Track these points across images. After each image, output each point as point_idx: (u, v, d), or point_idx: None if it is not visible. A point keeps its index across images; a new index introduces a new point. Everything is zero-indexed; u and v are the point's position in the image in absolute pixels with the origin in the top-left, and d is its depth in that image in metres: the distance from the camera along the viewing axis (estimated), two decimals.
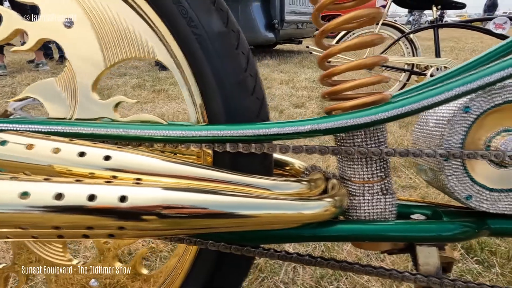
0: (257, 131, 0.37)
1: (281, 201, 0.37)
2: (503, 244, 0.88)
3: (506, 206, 0.42)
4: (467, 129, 0.40)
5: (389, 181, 0.43)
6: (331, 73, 0.44)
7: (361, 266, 0.41)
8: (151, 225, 0.29)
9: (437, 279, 0.40)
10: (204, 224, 0.32)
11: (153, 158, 0.34)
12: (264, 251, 0.41)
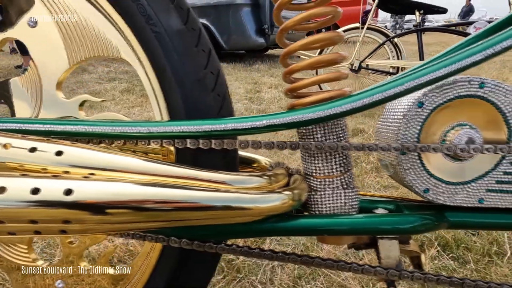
0: (215, 127, 0.38)
1: (237, 194, 0.38)
2: (479, 241, 0.89)
3: (462, 199, 0.43)
4: (421, 123, 0.41)
5: (350, 176, 0.44)
6: (291, 70, 0.44)
7: (322, 260, 0.41)
8: (98, 219, 0.29)
9: (396, 271, 0.41)
10: (155, 218, 0.32)
11: (108, 153, 0.34)
12: (226, 247, 0.41)
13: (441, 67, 0.38)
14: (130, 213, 0.31)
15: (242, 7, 4.27)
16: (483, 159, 0.42)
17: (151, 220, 0.32)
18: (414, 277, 0.41)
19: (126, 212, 0.30)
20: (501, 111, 0.41)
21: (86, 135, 0.38)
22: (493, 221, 0.44)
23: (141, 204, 0.31)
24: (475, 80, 0.40)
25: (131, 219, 0.31)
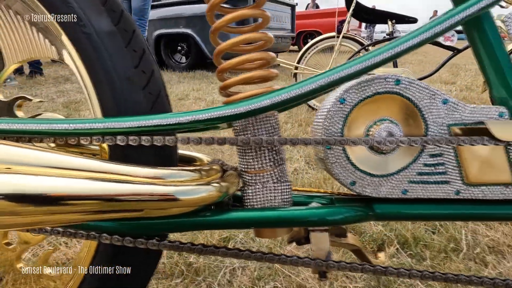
0: (138, 123, 0.39)
1: (164, 187, 0.39)
2: (438, 238, 0.92)
3: (388, 191, 0.45)
4: (344, 118, 0.43)
5: (282, 170, 0.45)
6: (226, 84, 0.46)
7: (251, 253, 0.42)
8: (10, 211, 0.30)
9: (322, 261, 0.42)
10: (71, 210, 0.33)
11: (28, 149, 0.35)
12: (157, 242, 0.42)
13: (351, 65, 0.40)
14: (42, 206, 0.31)
15: None
16: (405, 152, 0.45)
17: (67, 212, 0.33)
18: (341, 266, 0.42)
19: (37, 205, 0.31)
20: (417, 106, 0.43)
21: (10, 132, 0.38)
22: (418, 212, 0.46)
23: (54, 196, 0.32)
24: (391, 77, 0.43)
25: (44, 211, 0.32)
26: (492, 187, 0.45)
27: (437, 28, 0.43)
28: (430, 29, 0.43)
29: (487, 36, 0.46)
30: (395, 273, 0.42)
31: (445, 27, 0.43)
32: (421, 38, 0.43)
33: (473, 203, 0.46)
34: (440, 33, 0.43)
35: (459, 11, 0.43)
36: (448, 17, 0.43)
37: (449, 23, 0.43)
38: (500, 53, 0.46)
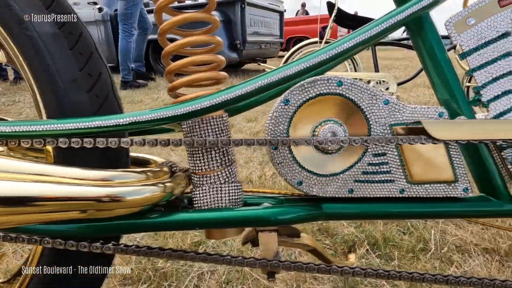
0: (77, 125, 0.39)
1: (108, 188, 0.39)
2: (408, 239, 0.93)
3: (334, 190, 0.46)
4: (289, 119, 0.44)
5: (230, 171, 0.46)
6: (174, 86, 0.47)
7: (197, 254, 0.42)
8: None
9: (267, 261, 0.42)
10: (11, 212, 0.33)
11: None
12: (101, 245, 0.42)
13: (291, 66, 0.42)
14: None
15: None
16: (350, 152, 0.46)
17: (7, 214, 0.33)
18: (285, 266, 0.42)
19: None
20: (359, 107, 0.44)
21: None
22: (364, 211, 0.47)
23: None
24: (333, 79, 0.44)
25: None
26: (435, 185, 0.46)
27: (376, 29, 0.45)
28: (369, 30, 0.44)
29: (428, 39, 0.48)
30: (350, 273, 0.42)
31: (385, 28, 0.45)
32: (360, 39, 0.44)
33: (417, 201, 0.47)
34: (380, 33, 0.45)
35: (398, 12, 0.45)
36: (387, 18, 0.45)
37: (388, 23, 0.45)
38: (441, 56, 0.48)
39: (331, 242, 0.92)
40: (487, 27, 0.47)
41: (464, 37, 0.47)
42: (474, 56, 0.47)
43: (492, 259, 0.83)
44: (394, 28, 0.46)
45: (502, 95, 0.47)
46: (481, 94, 0.47)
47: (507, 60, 0.47)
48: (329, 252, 0.89)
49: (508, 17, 0.47)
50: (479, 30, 0.47)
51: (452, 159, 0.46)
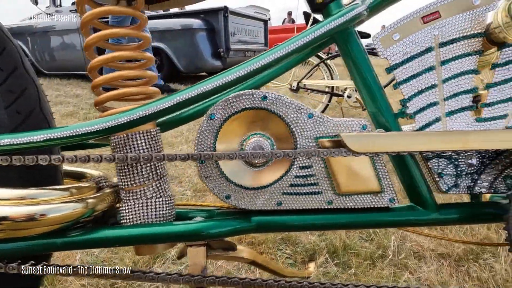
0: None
1: (25, 207, 0.38)
2: (369, 246, 0.94)
3: (263, 203, 0.46)
4: (215, 133, 0.45)
5: (158, 186, 0.46)
6: (100, 100, 0.47)
7: (115, 271, 0.42)
8: None
9: (190, 277, 0.42)
10: None
11: None
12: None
13: (218, 79, 0.43)
14: None
15: (198, 32, 4.40)
16: (277, 165, 0.46)
17: None
18: (208, 281, 0.42)
19: None
20: (284, 120, 0.45)
21: None
22: (294, 222, 0.47)
23: None
24: (258, 93, 0.44)
25: None
26: (361, 196, 0.47)
27: (300, 42, 0.46)
28: (293, 43, 0.46)
29: (354, 54, 0.50)
30: (263, 285, 0.43)
31: (309, 41, 0.46)
32: (284, 52, 0.45)
33: (345, 212, 0.48)
34: (306, 45, 0.46)
35: (323, 25, 0.46)
36: (312, 31, 0.46)
37: (312, 36, 0.46)
38: (367, 71, 0.50)
39: (292, 251, 0.92)
40: (411, 42, 0.49)
41: (390, 52, 0.49)
42: (400, 70, 0.49)
43: (445, 264, 0.85)
44: (319, 40, 0.47)
45: (427, 107, 0.49)
46: (407, 106, 0.49)
47: (431, 73, 0.49)
48: (288, 262, 0.89)
49: (431, 33, 0.49)
50: (404, 45, 0.49)
51: (378, 170, 0.47)
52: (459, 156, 0.49)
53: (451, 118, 0.49)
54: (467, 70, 0.49)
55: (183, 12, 4.78)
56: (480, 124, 0.49)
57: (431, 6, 0.48)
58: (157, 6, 0.58)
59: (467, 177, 0.50)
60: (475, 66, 0.50)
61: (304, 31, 0.47)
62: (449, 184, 0.50)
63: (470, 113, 0.49)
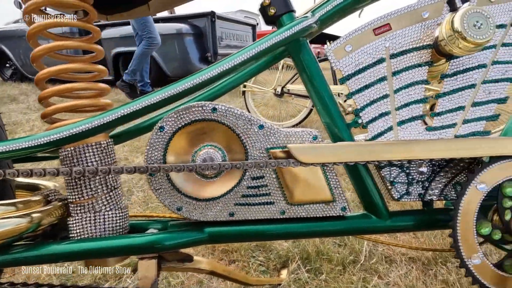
0: None
1: None
2: (342, 251, 0.95)
3: (215, 214, 0.46)
4: (165, 145, 0.45)
5: (107, 199, 0.45)
6: (47, 112, 0.46)
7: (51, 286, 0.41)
8: None
9: None
10: None
11: None
12: None
13: (172, 88, 0.43)
14: None
15: (185, 36, 4.40)
16: (229, 176, 0.46)
17: None
18: None
19: None
20: (235, 132, 0.46)
21: None
22: (247, 233, 0.47)
23: None
24: (207, 105, 0.45)
25: None
26: (313, 205, 0.48)
27: (250, 53, 0.46)
28: (241, 55, 0.46)
29: (307, 65, 0.50)
30: None
31: (258, 52, 0.47)
32: (236, 62, 0.46)
33: (299, 221, 0.48)
34: (258, 55, 0.47)
35: (271, 37, 0.47)
36: (260, 43, 0.47)
37: (261, 47, 0.47)
38: (319, 82, 0.51)
39: (265, 258, 0.92)
40: (363, 53, 0.50)
41: (343, 63, 0.50)
42: (352, 81, 0.50)
43: (414, 268, 0.87)
44: (269, 51, 0.48)
45: (379, 117, 0.50)
46: (360, 116, 0.50)
47: (382, 84, 0.50)
48: (260, 269, 0.89)
49: (382, 45, 0.50)
50: (356, 56, 0.50)
51: (329, 180, 0.48)
52: (410, 164, 0.51)
53: (402, 127, 0.50)
54: (418, 80, 0.51)
55: (171, 17, 4.78)
56: (431, 133, 0.51)
57: (382, 19, 0.50)
58: (116, 16, 0.58)
59: (418, 184, 0.51)
60: (425, 76, 0.51)
61: (254, 43, 0.47)
62: (401, 192, 0.51)
63: (421, 122, 0.51)
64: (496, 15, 0.51)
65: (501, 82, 0.52)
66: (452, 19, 0.46)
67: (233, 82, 0.56)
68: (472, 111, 0.51)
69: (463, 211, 0.45)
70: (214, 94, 0.56)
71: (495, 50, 0.51)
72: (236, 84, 0.57)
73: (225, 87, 0.56)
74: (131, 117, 0.43)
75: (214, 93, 0.56)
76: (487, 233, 0.45)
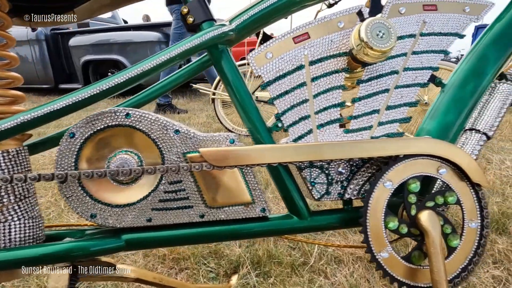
0: None
1: None
2: (294, 254, 0.96)
3: (132, 220, 0.46)
4: (76, 152, 0.44)
5: (15, 209, 0.44)
6: None
7: None
8: None
9: None
10: None
11: None
12: None
13: (82, 92, 0.43)
14: None
15: (157, 44, 4.36)
16: (146, 181, 0.47)
17: None
18: None
19: None
20: (150, 137, 0.46)
21: None
22: (167, 238, 0.47)
23: None
24: (120, 111, 0.45)
25: None
26: (233, 207, 0.49)
27: (165, 57, 0.47)
28: (160, 56, 0.47)
29: (228, 72, 0.52)
30: None
31: (174, 56, 0.48)
32: (153, 65, 0.47)
33: (219, 224, 0.49)
34: (170, 60, 0.48)
35: (185, 43, 0.48)
36: (177, 47, 0.48)
37: (177, 52, 0.48)
38: (240, 88, 0.52)
39: (216, 264, 0.92)
40: (284, 60, 0.52)
41: (264, 70, 0.52)
42: (274, 86, 0.52)
43: (360, 267, 0.89)
44: (185, 56, 0.49)
45: (300, 121, 0.52)
46: (282, 120, 0.52)
47: (302, 89, 0.53)
48: (210, 276, 0.88)
49: (301, 52, 0.53)
50: (277, 63, 0.52)
51: (248, 182, 0.49)
52: (329, 165, 0.53)
53: (321, 130, 0.53)
54: (335, 86, 0.54)
55: (143, 25, 4.73)
56: (348, 135, 0.53)
57: (302, 28, 0.52)
58: (40, 23, 0.57)
59: (338, 184, 0.53)
60: (342, 82, 0.54)
61: (170, 47, 0.48)
62: (321, 192, 0.53)
63: (338, 125, 0.54)
64: (406, 25, 0.55)
65: (412, 87, 0.56)
66: (359, 29, 0.50)
67: (161, 88, 0.57)
68: (386, 114, 0.55)
69: (372, 208, 0.48)
70: (142, 100, 0.56)
71: (405, 57, 0.55)
72: (165, 90, 0.57)
73: (153, 93, 0.57)
74: (34, 123, 0.42)
75: (141, 99, 0.56)
76: (394, 227, 0.48)
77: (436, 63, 0.55)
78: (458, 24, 0.56)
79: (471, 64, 0.58)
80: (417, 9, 0.56)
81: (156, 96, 0.56)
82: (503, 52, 0.57)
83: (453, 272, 0.49)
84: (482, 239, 0.50)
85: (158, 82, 0.58)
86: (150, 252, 0.96)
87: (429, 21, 0.55)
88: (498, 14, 0.60)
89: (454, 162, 0.49)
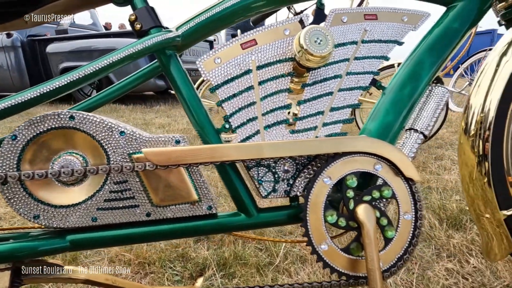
0: None
1: None
2: (261, 255, 0.98)
3: (76, 220, 0.47)
4: (18, 154, 0.45)
5: None
6: None
7: None
8: None
9: None
10: None
11: None
12: None
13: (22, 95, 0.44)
14: None
15: None
16: (91, 182, 0.48)
17: None
18: None
19: None
20: (95, 139, 0.47)
21: None
22: (113, 237, 0.48)
23: None
24: (64, 113, 0.46)
25: None
26: (179, 205, 0.50)
27: (112, 59, 0.49)
28: (106, 59, 0.49)
29: (174, 75, 0.54)
30: None
31: (120, 58, 0.49)
32: (96, 68, 0.48)
33: (166, 222, 0.50)
34: (118, 62, 0.49)
35: (131, 46, 0.50)
36: (124, 50, 0.50)
37: (124, 54, 0.49)
38: (188, 92, 0.54)
39: (182, 268, 0.92)
40: (232, 65, 0.55)
41: (212, 74, 0.54)
42: (222, 90, 0.54)
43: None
44: (132, 59, 0.51)
45: (247, 122, 0.55)
46: (230, 121, 0.54)
47: (250, 92, 0.55)
48: (175, 279, 0.89)
49: (249, 57, 0.55)
50: (225, 68, 0.55)
51: (195, 181, 0.51)
52: (276, 164, 0.56)
53: (268, 131, 0.56)
54: (281, 89, 0.57)
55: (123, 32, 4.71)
56: (294, 135, 0.56)
57: (249, 35, 0.55)
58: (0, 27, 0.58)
59: (284, 182, 0.56)
60: (288, 85, 0.57)
61: (116, 50, 0.50)
62: (268, 190, 0.55)
63: (285, 126, 0.56)
64: (348, 33, 0.59)
65: (355, 90, 0.59)
66: (299, 36, 0.53)
67: (113, 92, 0.58)
68: (330, 115, 0.58)
69: (311, 203, 0.51)
70: (94, 103, 0.57)
71: (348, 62, 0.59)
72: (117, 95, 0.59)
73: (105, 97, 0.58)
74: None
75: (93, 103, 0.57)
76: (333, 221, 0.51)
77: (376, 68, 0.59)
78: (397, 32, 0.61)
79: (409, 69, 0.62)
80: (359, 18, 0.60)
81: (108, 100, 0.58)
82: (438, 58, 0.62)
83: (389, 262, 0.52)
84: (417, 230, 0.53)
85: (109, 86, 0.59)
86: (115, 258, 0.96)
87: (370, 29, 0.60)
88: (433, 24, 0.65)
89: (388, 159, 0.53)
